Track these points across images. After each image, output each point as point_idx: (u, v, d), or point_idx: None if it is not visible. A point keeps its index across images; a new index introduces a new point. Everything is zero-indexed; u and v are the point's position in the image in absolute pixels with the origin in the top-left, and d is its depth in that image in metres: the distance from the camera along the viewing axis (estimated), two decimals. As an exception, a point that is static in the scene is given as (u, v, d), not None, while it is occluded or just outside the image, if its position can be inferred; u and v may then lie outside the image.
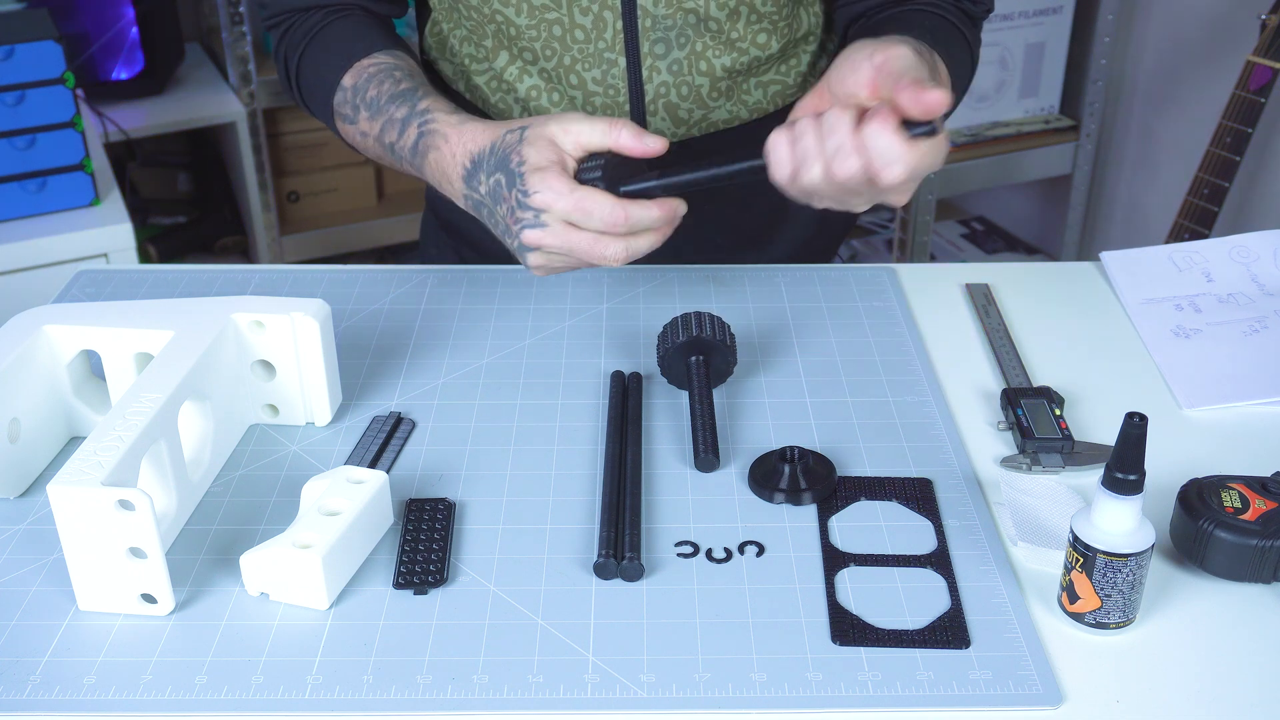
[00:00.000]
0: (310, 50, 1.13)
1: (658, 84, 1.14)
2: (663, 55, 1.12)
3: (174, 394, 0.85)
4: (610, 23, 1.10)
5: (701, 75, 1.14)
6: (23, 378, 0.91)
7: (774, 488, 0.89)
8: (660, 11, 1.09)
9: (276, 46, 1.17)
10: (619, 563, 0.82)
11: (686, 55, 1.12)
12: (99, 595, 0.80)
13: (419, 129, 1.02)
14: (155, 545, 0.77)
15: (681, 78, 1.14)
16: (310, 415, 0.98)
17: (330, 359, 0.97)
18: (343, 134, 1.12)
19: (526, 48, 1.13)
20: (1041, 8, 2.48)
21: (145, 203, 2.76)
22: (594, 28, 1.10)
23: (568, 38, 1.11)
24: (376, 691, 0.74)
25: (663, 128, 1.16)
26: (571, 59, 1.12)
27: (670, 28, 1.11)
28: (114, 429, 0.81)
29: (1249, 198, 2.29)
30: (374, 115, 1.06)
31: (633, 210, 0.91)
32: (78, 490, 0.76)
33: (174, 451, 0.86)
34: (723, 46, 1.13)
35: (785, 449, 0.91)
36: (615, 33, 1.11)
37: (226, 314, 0.94)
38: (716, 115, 1.17)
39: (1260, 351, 1.06)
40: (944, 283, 1.19)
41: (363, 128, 1.08)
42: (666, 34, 1.11)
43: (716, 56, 1.13)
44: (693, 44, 1.12)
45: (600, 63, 1.12)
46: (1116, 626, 0.78)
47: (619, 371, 1.03)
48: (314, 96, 1.13)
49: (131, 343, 0.93)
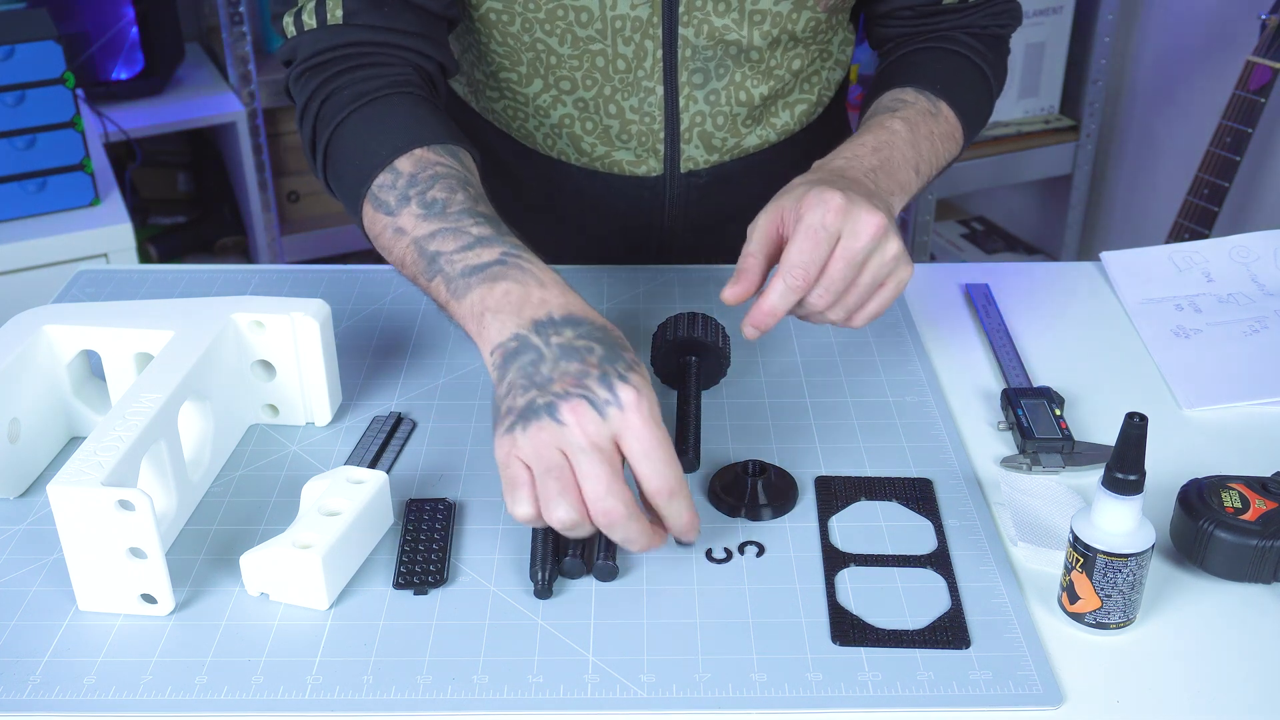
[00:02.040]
0: (357, 117, 0.98)
1: (694, 113, 1.13)
2: (700, 85, 1.12)
3: (174, 394, 0.85)
4: (651, 52, 1.09)
5: (739, 105, 1.14)
6: (23, 378, 0.91)
7: (735, 502, 0.88)
8: (701, 42, 1.08)
9: (313, 100, 1.00)
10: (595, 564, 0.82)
11: (725, 85, 1.12)
12: (99, 595, 0.80)
13: (502, 255, 0.85)
14: (155, 545, 0.77)
15: (718, 107, 1.13)
16: (310, 415, 0.98)
17: (330, 359, 0.97)
18: (366, 220, 0.95)
19: (565, 77, 1.11)
20: (1041, 8, 2.48)
21: (145, 203, 2.76)
22: (635, 57, 1.09)
23: (609, 68, 1.10)
24: (376, 691, 0.74)
25: (696, 155, 1.16)
26: (611, 89, 1.11)
27: (710, 58, 1.10)
28: (114, 429, 0.81)
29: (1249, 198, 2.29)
30: (430, 217, 0.89)
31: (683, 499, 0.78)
32: (78, 490, 0.76)
33: (174, 451, 0.86)
34: (760, 76, 1.13)
35: (747, 462, 0.90)
36: (655, 61, 1.10)
37: (226, 314, 0.94)
38: (748, 141, 1.17)
39: (1260, 351, 1.06)
40: (944, 283, 1.19)
41: (402, 223, 0.91)
42: (705, 64, 1.10)
43: (755, 86, 1.13)
44: (731, 74, 1.12)
45: (638, 91, 1.11)
46: (1117, 627, 0.78)
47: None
48: (348, 169, 0.97)
49: (131, 343, 0.93)
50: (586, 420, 0.75)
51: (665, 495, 0.77)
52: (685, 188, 1.18)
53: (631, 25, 1.07)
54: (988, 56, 1.14)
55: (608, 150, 1.16)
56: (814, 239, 0.86)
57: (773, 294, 0.87)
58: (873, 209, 0.87)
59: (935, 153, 1.04)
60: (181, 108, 2.47)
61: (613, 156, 1.16)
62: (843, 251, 0.86)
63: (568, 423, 0.75)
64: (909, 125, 1.02)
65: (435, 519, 0.87)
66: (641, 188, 1.18)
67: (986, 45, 1.14)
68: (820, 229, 0.86)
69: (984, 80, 1.13)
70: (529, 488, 0.76)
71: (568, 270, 1.19)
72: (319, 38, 1.00)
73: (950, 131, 1.07)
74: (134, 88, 2.48)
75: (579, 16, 1.06)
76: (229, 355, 0.94)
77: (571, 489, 0.75)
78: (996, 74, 1.15)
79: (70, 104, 1.82)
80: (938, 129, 1.05)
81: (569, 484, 0.75)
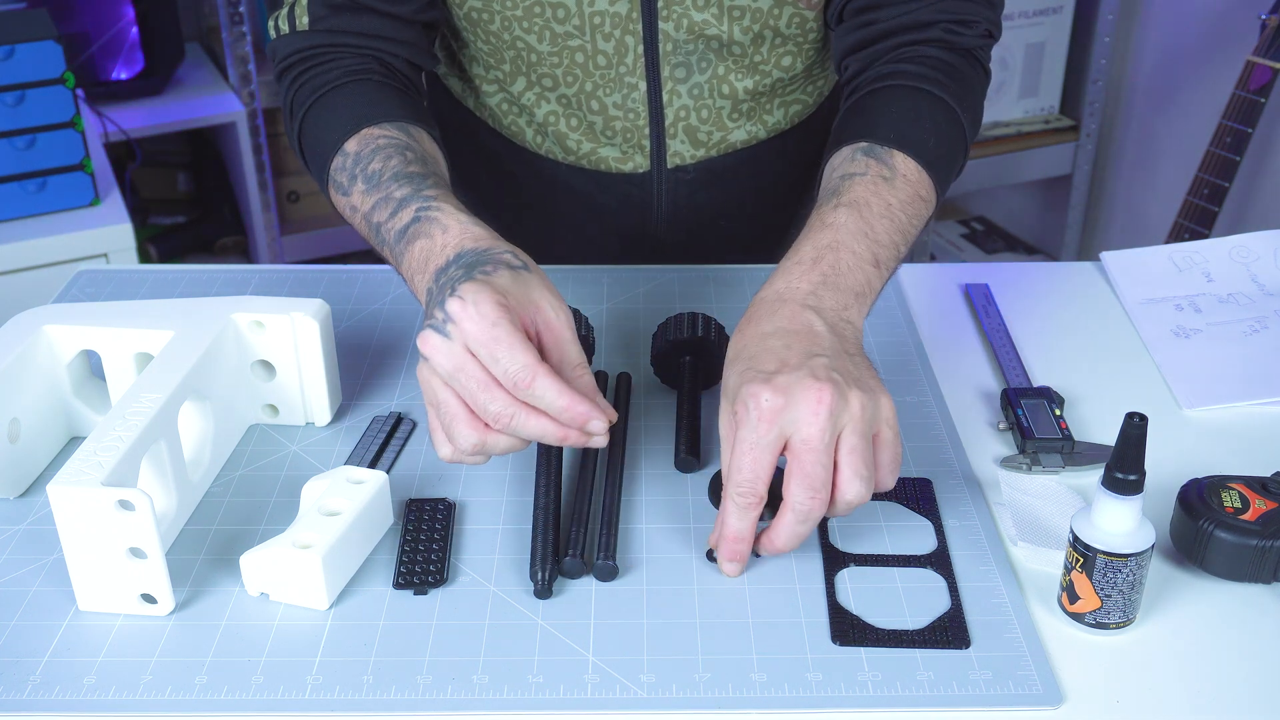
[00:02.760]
0: (317, 107, 1.01)
1: (678, 107, 1.13)
2: (683, 79, 1.11)
3: (174, 394, 0.85)
4: (632, 47, 1.09)
5: (723, 98, 1.13)
6: (23, 377, 0.91)
7: None
8: (682, 36, 1.08)
9: (286, 97, 1.05)
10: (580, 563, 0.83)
11: (708, 79, 1.12)
12: (99, 595, 0.80)
13: (416, 212, 0.88)
14: (155, 545, 0.77)
15: (702, 101, 1.13)
16: (310, 415, 0.98)
17: (330, 359, 0.97)
18: (336, 205, 0.99)
19: (547, 74, 1.12)
20: (1041, 8, 2.48)
21: (145, 203, 2.76)
22: (615, 53, 1.09)
23: (590, 64, 1.10)
24: (376, 691, 0.74)
25: (682, 150, 1.16)
26: (593, 85, 1.11)
27: (691, 52, 1.10)
28: (114, 429, 0.81)
29: (1249, 198, 2.29)
30: (370, 190, 0.93)
31: (546, 381, 0.77)
32: (78, 490, 0.76)
33: (174, 451, 0.86)
34: (745, 70, 1.12)
35: None
36: (636, 57, 1.09)
37: (226, 314, 0.94)
38: (735, 136, 1.17)
39: (1260, 351, 1.06)
40: (944, 283, 1.19)
41: (354, 201, 0.95)
42: (688, 58, 1.10)
43: (739, 80, 1.12)
44: (714, 68, 1.11)
45: (621, 87, 1.11)
46: (1116, 626, 0.78)
47: (602, 372, 1.03)
48: (314, 158, 1.01)
49: (131, 343, 0.93)
50: (434, 346, 0.78)
51: (523, 388, 0.77)
52: (673, 184, 1.18)
53: (610, 21, 1.07)
54: (951, 88, 0.99)
55: (594, 147, 1.16)
56: (753, 454, 0.77)
57: (729, 518, 0.79)
58: (807, 382, 0.77)
59: (899, 228, 0.90)
60: (181, 108, 2.47)
61: (599, 153, 1.16)
62: (802, 448, 0.76)
63: (427, 355, 0.78)
64: (856, 212, 0.89)
65: (435, 519, 0.87)
66: (629, 184, 1.18)
67: (950, 75, 0.99)
68: (757, 444, 0.77)
69: (949, 115, 0.98)
70: (447, 444, 0.80)
71: (567, 270, 1.19)
72: (290, 41, 1.04)
73: (914, 192, 0.93)
74: (134, 88, 2.47)
75: (556, 13, 1.07)
76: (229, 355, 0.94)
77: (460, 413, 0.78)
78: (966, 106, 1.00)
79: (70, 104, 1.82)
80: (896, 197, 0.91)
81: (456, 410, 0.78)
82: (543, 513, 0.85)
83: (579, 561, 0.82)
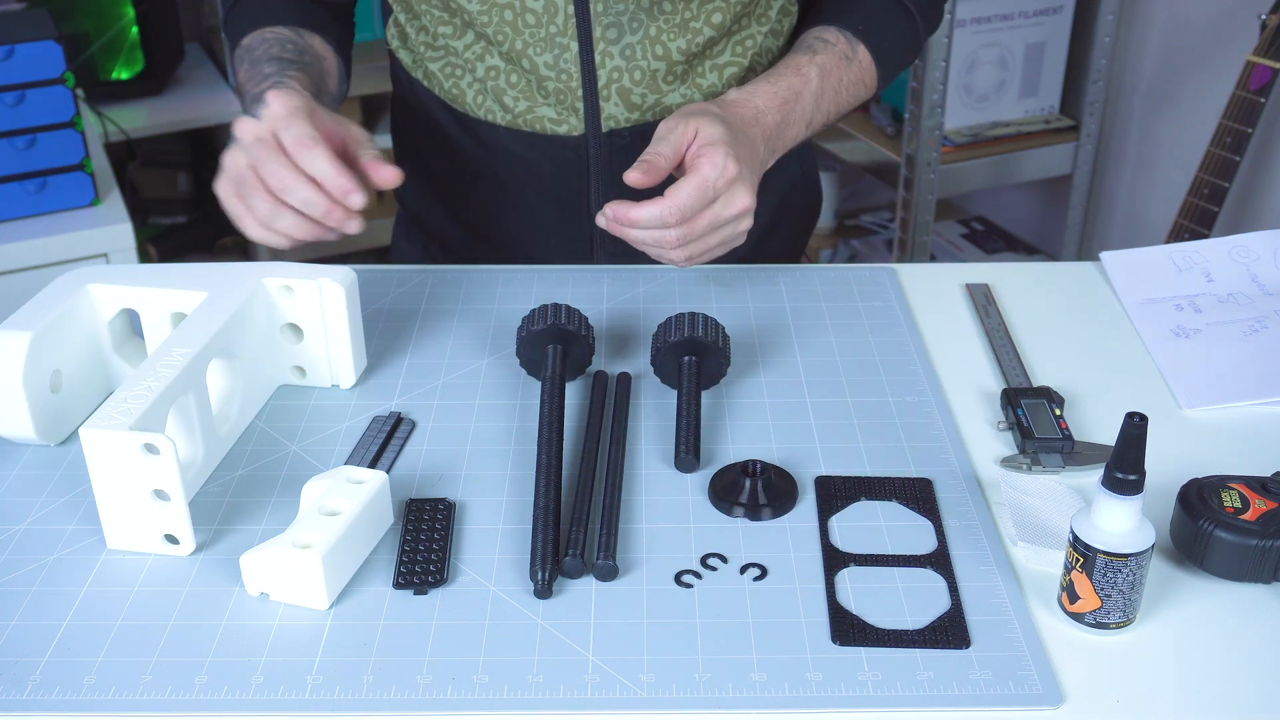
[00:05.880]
0: (234, 12, 1.19)
1: (610, 69, 1.13)
2: (615, 40, 1.12)
3: (203, 350, 0.90)
4: (561, 7, 1.10)
5: (657, 60, 1.14)
6: (66, 333, 0.96)
7: (734, 502, 0.89)
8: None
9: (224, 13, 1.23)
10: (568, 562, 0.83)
11: (640, 39, 1.12)
12: (126, 535, 0.85)
13: (273, 83, 1.05)
14: (178, 488, 0.82)
15: (634, 62, 1.13)
16: (335, 378, 1.02)
17: (355, 325, 1.01)
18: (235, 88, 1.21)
19: (481, 33, 1.14)
20: (1041, 8, 2.48)
21: (145, 203, 2.76)
22: (545, 12, 1.10)
23: (519, 22, 1.11)
24: (376, 691, 0.74)
25: (616, 113, 1.16)
26: (524, 43, 1.12)
27: (622, 12, 1.11)
28: (145, 380, 0.86)
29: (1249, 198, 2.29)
30: (249, 69, 1.10)
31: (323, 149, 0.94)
32: (107, 434, 0.81)
33: (201, 404, 0.90)
34: (676, 29, 1.13)
35: (747, 463, 0.90)
36: (567, 17, 1.10)
37: (258, 278, 0.99)
38: (670, 99, 1.16)
39: (1260, 351, 1.06)
40: (944, 283, 1.19)
41: (239, 79, 1.12)
42: (619, 18, 1.11)
43: (671, 40, 1.13)
44: (646, 28, 1.12)
45: (552, 47, 1.12)
46: (1116, 626, 0.78)
47: (602, 372, 1.03)
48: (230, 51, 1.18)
49: (169, 303, 0.98)
50: (245, 125, 0.96)
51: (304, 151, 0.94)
52: (608, 148, 1.17)
53: None
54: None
55: (530, 105, 1.16)
56: (701, 193, 0.98)
57: (647, 213, 0.98)
58: (749, 190, 1.01)
59: (838, 103, 1.15)
60: (181, 108, 2.47)
61: (535, 113, 1.17)
62: (712, 213, 0.99)
63: (238, 134, 0.96)
64: (822, 74, 1.12)
65: (435, 519, 0.87)
66: (565, 148, 1.18)
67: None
68: (709, 188, 0.98)
69: (909, 21, 1.19)
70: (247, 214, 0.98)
71: (567, 270, 1.19)
72: None
73: (861, 78, 1.16)
74: (134, 88, 2.48)
75: None
76: (259, 317, 0.98)
77: (254, 182, 0.96)
78: (926, 14, 1.20)
79: (70, 104, 1.82)
80: (848, 75, 1.15)
81: (251, 180, 0.96)
82: (543, 513, 0.85)
83: (579, 561, 0.82)
